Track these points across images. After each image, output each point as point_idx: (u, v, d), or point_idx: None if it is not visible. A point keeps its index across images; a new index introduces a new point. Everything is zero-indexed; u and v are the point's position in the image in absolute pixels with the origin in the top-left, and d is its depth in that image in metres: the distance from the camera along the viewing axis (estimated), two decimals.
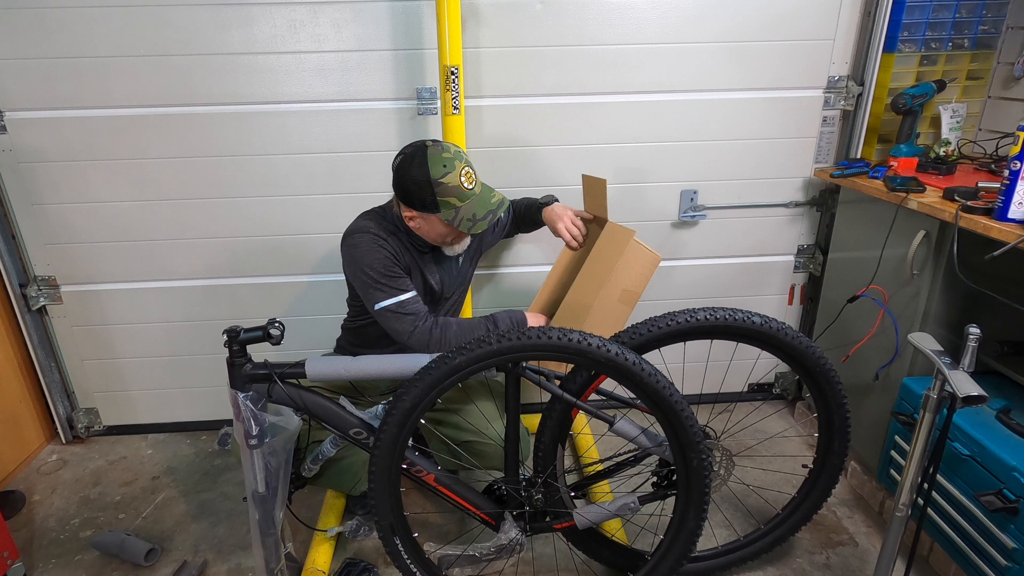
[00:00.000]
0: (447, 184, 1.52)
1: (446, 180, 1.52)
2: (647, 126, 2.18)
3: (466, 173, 1.56)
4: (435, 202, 1.53)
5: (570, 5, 2.02)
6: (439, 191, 1.52)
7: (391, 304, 1.60)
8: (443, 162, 1.53)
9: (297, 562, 1.76)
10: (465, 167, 1.56)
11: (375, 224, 1.66)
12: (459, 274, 1.86)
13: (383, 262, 1.61)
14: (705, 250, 2.37)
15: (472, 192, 1.56)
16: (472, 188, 1.57)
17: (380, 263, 1.61)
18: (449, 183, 1.52)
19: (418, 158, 1.53)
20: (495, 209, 1.58)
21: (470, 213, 1.55)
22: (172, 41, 1.97)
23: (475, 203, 1.56)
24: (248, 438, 1.41)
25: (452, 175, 1.52)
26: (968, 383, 1.19)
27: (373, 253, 1.61)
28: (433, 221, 1.59)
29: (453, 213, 1.55)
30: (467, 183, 1.55)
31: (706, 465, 1.42)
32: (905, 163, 1.98)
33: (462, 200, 1.54)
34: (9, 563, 1.67)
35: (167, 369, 2.39)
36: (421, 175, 1.52)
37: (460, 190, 1.53)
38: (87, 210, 2.15)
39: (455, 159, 1.54)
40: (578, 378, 1.51)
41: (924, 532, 1.72)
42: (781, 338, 1.49)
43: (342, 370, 1.43)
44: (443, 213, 1.55)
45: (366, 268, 1.61)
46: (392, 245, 1.64)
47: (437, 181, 1.52)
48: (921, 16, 2.01)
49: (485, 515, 1.60)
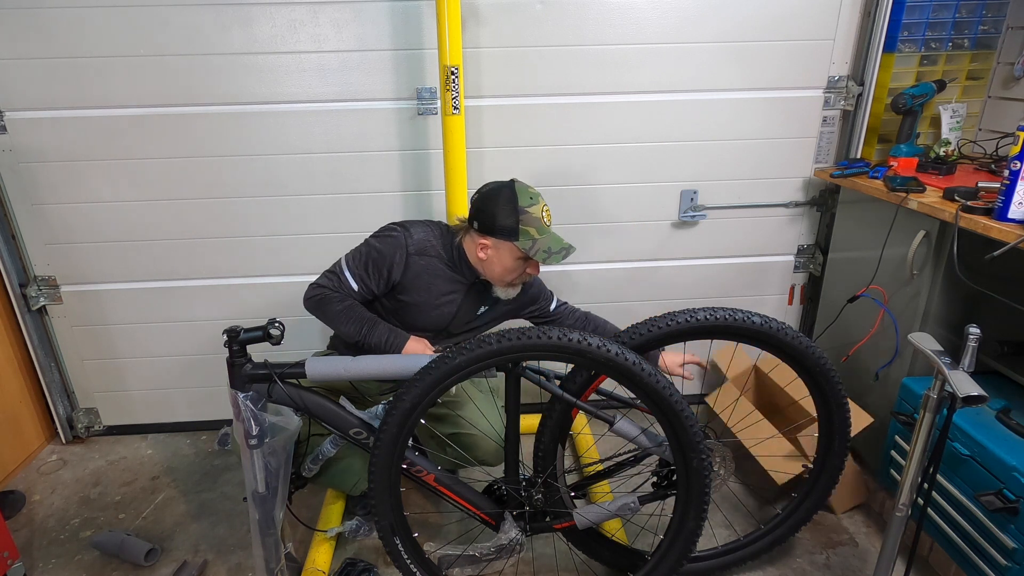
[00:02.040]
0: (531, 214, 1.60)
1: (531, 210, 1.61)
2: (647, 126, 2.18)
3: (547, 211, 1.66)
4: (516, 230, 1.60)
5: (570, 5, 2.02)
6: (523, 219, 1.60)
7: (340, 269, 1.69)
8: (530, 195, 1.63)
9: (297, 562, 1.75)
10: (546, 206, 1.66)
11: (423, 235, 1.71)
12: (474, 322, 1.84)
13: (376, 252, 1.67)
14: (705, 250, 2.37)
15: (549, 228, 1.65)
16: (549, 225, 1.65)
17: (374, 251, 1.67)
18: (533, 214, 1.61)
19: (507, 189, 1.63)
20: (567, 248, 1.65)
21: (546, 245, 1.62)
22: (172, 41, 1.97)
23: (551, 239, 1.63)
24: (248, 438, 1.41)
25: (536, 208, 1.62)
26: (968, 383, 1.19)
27: (384, 243, 1.68)
28: (507, 251, 1.63)
29: (531, 244, 1.60)
30: (547, 219, 1.65)
31: (706, 465, 1.42)
32: (905, 163, 1.98)
33: (540, 233, 1.61)
34: (9, 563, 1.67)
35: (167, 369, 2.39)
36: (509, 203, 1.60)
37: (540, 223, 1.62)
38: (87, 210, 2.15)
39: (539, 196, 1.65)
40: (578, 378, 1.51)
41: (924, 532, 1.72)
42: (781, 338, 1.49)
43: (342, 370, 1.43)
44: (521, 242, 1.60)
45: (370, 242, 1.70)
46: (413, 259, 1.67)
47: (523, 209, 1.60)
48: (921, 16, 2.01)
49: (485, 515, 1.60)
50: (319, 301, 1.68)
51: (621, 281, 2.40)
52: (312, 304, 1.70)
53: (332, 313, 1.67)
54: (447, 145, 1.97)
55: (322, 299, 1.68)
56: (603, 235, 2.32)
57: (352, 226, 2.22)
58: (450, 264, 1.72)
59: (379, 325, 1.66)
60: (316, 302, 1.69)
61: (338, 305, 1.66)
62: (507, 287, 1.74)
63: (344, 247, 2.33)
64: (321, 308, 1.69)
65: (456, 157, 1.98)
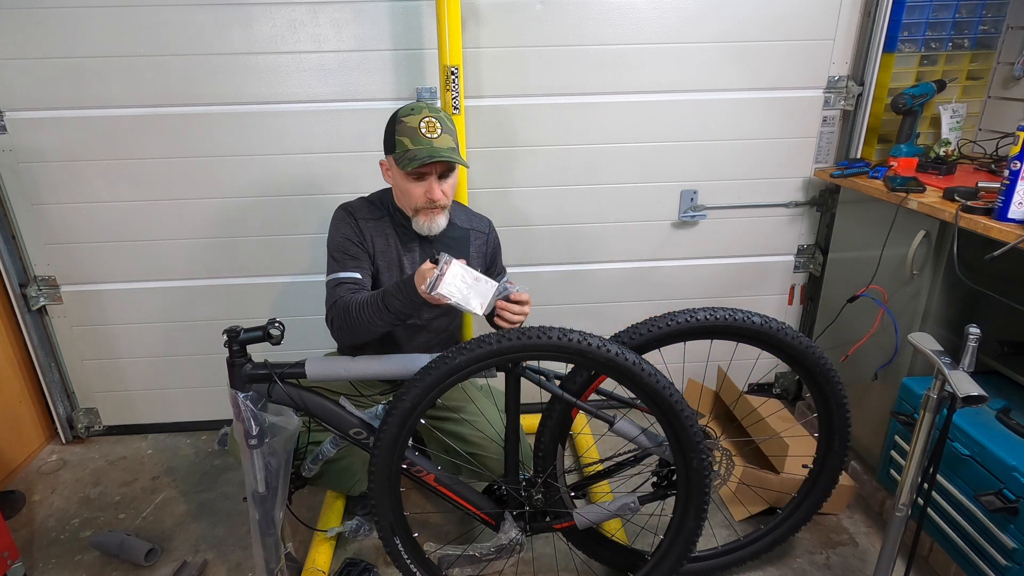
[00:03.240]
0: (406, 123, 1.51)
1: (407, 120, 1.51)
2: (647, 126, 2.18)
3: (428, 122, 1.51)
4: (393, 141, 1.53)
5: (570, 5, 2.02)
6: (398, 129, 1.52)
7: (330, 279, 1.59)
8: (411, 107, 1.54)
9: (297, 562, 1.75)
10: (430, 117, 1.51)
11: (359, 202, 1.68)
12: None
13: (339, 236, 1.62)
14: (705, 250, 2.37)
15: (428, 140, 1.50)
16: (430, 137, 1.51)
17: (338, 236, 1.63)
18: (408, 123, 1.51)
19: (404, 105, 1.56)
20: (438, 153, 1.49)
21: (414, 154, 1.50)
22: (172, 41, 1.97)
23: (426, 149, 1.50)
24: (248, 438, 1.41)
25: (413, 117, 1.51)
26: (968, 383, 1.19)
27: (335, 227, 1.64)
28: (393, 167, 1.57)
29: (402, 152, 1.51)
30: (426, 131, 1.51)
31: (706, 465, 1.42)
32: (905, 163, 1.98)
33: (415, 143, 1.50)
34: (9, 563, 1.67)
35: (167, 369, 2.39)
36: (392, 117, 1.55)
37: (416, 133, 1.50)
38: (87, 210, 2.15)
39: (424, 107, 1.53)
40: (578, 378, 1.51)
41: (924, 532, 1.72)
42: (781, 338, 1.49)
43: (342, 370, 1.43)
44: (396, 153, 1.52)
45: (328, 242, 1.64)
46: (362, 223, 1.63)
47: (399, 119, 1.52)
48: (921, 16, 2.01)
49: (485, 515, 1.60)
50: (341, 316, 1.52)
51: (621, 281, 2.39)
52: (336, 326, 1.54)
53: (346, 316, 1.51)
54: None
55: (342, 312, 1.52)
56: (603, 235, 2.32)
57: None
58: (391, 218, 1.66)
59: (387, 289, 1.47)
60: (339, 320, 1.53)
61: (348, 310, 1.51)
62: (418, 216, 1.60)
63: None
64: (347, 320, 1.51)
65: None
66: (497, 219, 2.22)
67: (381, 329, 1.50)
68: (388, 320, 1.46)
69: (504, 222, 2.25)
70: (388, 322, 1.47)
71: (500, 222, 2.22)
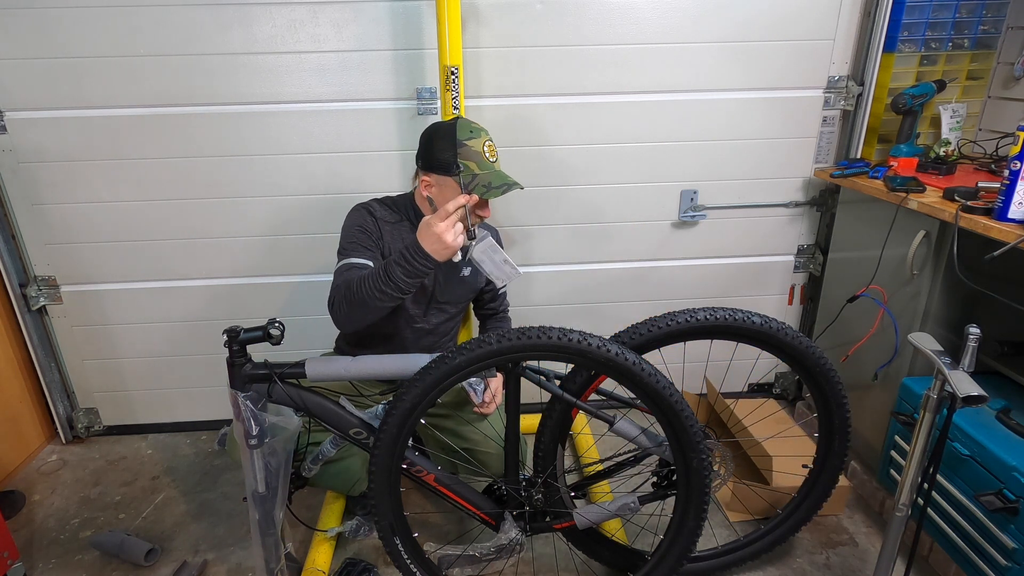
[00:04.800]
0: (470, 147, 1.55)
1: (470, 144, 1.55)
2: (647, 126, 2.18)
3: (490, 146, 1.59)
4: (455, 164, 1.55)
5: (570, 5, 2.02)
6: (462, 152, 1.54)
7: (341, 264, 1.60)
8: (470, 128, 1.58)
9: (297, 562, 1.75)
10: (489, 140, 1.59)
11: (377, 203, 1.72)
12: (459, 284, 1.80)
13: (355, 227, 1.65)
14: (705, 250, 2.37)
15: (493, 164, 1.59)
16: (494, 161, 1.59)
17: (353, 226, 1.65)
18: (472, 147, 1.55)
19: (448, 124, 1.59)
20: (510, 184, 1.57)
21: (487, 181, 1.55)
22: (172, 41, 1.97)
23: (493, 175, 1.57)
24: (248, 438, 1.41)
25: (476, 141, 1.56)
26: (968, 383, 1.19)
27: (351, 219, 1.67)
28: (448, 187, 1.58)
29: (470, 178, 1.55)
30: (489, 155, 1.58)
31: (706, 465, 1.42)
32: (905, 163, 1.98)
33: (481, 168, 1.55)
34: (9, 563, 1.67)
35: (167, 369, 2.39)
36: (448, 136, 1.56)
37: (481, 157, 1.56)
38: (87, 210, 2.15)
39: (482, 131, 1.59)
40: (578, 378, 1.51)
41: (924, 532, 1.73)
42: (781, 338, 1.49)
43: (342, 370, 1.43)
44: (462, 176, 1.55)
45: (343, 232, 1.67)
46: (380, 222, 1.67)
47: (462, 142, 1.55)
48: (921, 16, 2.01)
49: (485, 515, 1.60)
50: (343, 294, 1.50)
51: (621, 281, 2.39)
52: (336, 305, 1.53)
53: (346, 291, 1.49)
54: None
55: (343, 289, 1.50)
56: (603, 235, 2.32)
57: None
58: (411, 223, 1.69)
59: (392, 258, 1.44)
60: (339, 298, 1.52)
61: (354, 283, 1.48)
62: None
63: None
64: (347, 297, 1.49)
65: None
66: (497, 219, 2.23)
67: (381, 305, 1.46)
68: (389, 294, 1.43)
69: (504, 222, 2.25)
70: (389, 295, 1.43)
71: (500, 222, 2.23)
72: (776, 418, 2.11)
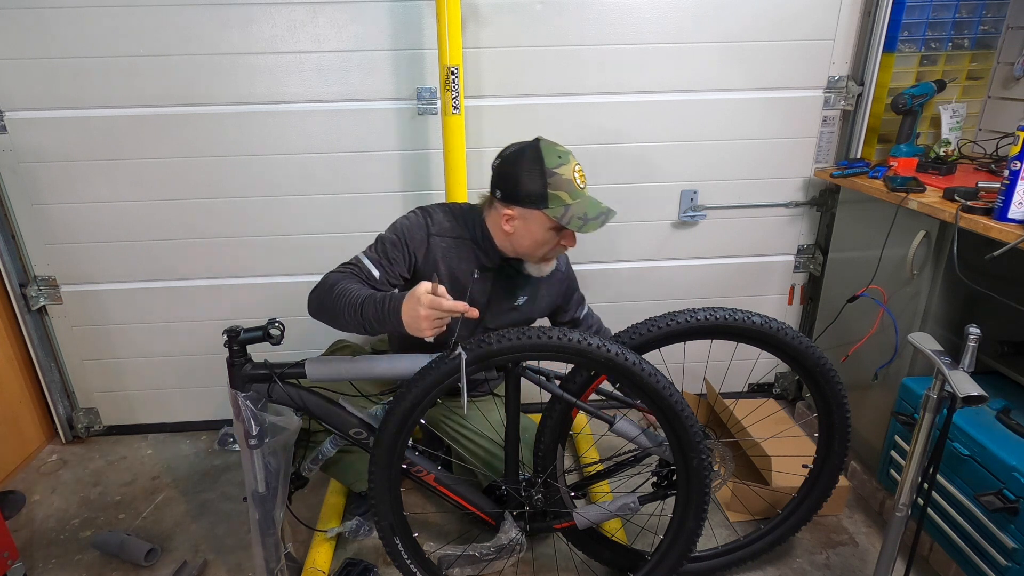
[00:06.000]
0: (561, 176, 1.41)
1: (560, 171, 1.41)
2: (647, 126, 2.18)
3: (579, 171, 1.45)
4: (544, 195, 1.41)
5: (570, 5, 2.02)
6: (551, 182, 1.40)
7: (357, 255, 1.52)
8: (558, 153, 1.43)
9: (297, 562, 1.75)
10: (578, 164, 1.45)
11: (443, 214, 1.56)
12: (510, 312, 1.68)
13: (396, 235, 1.53)
14: (705, 250, 2.37)
15: (583, 191, 1.45)
16: (583, 188, 1.45)
17: (395, 234, 1.53)
18: (563, 175, 1.41)
19: (531, 149, 1.43)
20: (606, 212, 1.45)
21: (581, 211, 1.42)
22: (172, 41, 1.97)
23: (586, 203, 1.43)
24: (248, 438, 1.41)
25: (566, 168, 1.42)
26: (968, 383, 1.19)
27: (402, 225, 1.53)
28: (535, 221, 1.45)
29: (562, 211, 1.41)
30: (580, 181, 1.44)
31: (706, 465, 1.42)
32: (905, 163, 1.98)
33: (573, 197, 1.42)
34: (9, 563, 1.67)
35: (167, 369, 2.39)
36: (534, 165, 1.41)
37: (572, 185, 1.42)
38: (87, 210, 2.15)
39: (568, 154, 1.44)
40: (578, 378, 1.51)
41: (924, 532, 1.73)
42: (781, 338, 1.49)
43: (342, 370, 1.43)
44: (551, 209, 1.41)
45: (391, 226, 1.55)
46: (434, 239, 1.52)
47: (551, 171, 1.40)
48: (921, 16, 2.01)
49: (485, 515, 1.60)
50: (322, 287, 1.42)
51: (621, 281, 2.39)
52: (314, 294, 1.45)
53: (331, 298, 1.39)
54: (447, 145, 1.97)
55: (326, 284, 1.41)
56: (603, 235, 2.30)
57: (352, 226, 2.22)
58: (475, 243, 1.55)
59: (372, 298, 1.34)
60: (318, 290, 1.43)
61: (338, 287, 1.39)
62: (539, 262, 1.56)
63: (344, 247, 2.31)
64: (322, 294, 1.41)
65: (456, 157, 1.98)
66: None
67: (346, 326, 1.38)
68: (356, 321, 1.35)
69: None
70: (357, 324, 1.35)
71: None
72: (776, 418, 2.11)
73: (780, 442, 1.95)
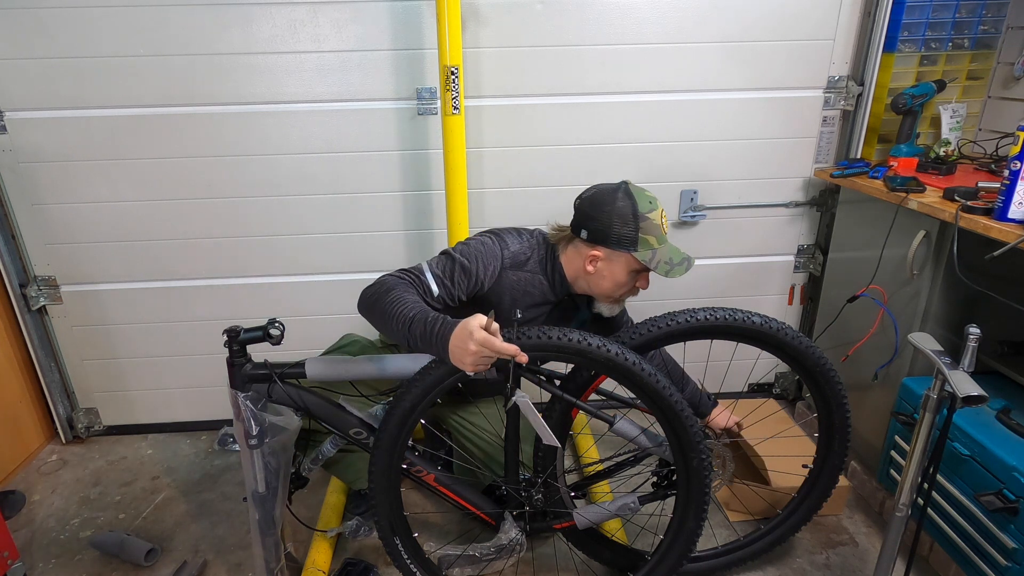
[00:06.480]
0: (652, 221, 1.45)
1: (651, 216, 1.45)
2: (647, 126, 2.18)
3: (664, 216, 1.50)
4: (635, 238, 1.45)
5: (570, 5, 2.02)
6: (643, 227, 1.45)
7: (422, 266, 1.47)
8: (648, 199, 1.47)
9: (297, 562, 1.76)
10: (661, 207, 1.49)
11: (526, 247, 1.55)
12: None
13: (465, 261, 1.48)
14: (705, 250, 2.37)
15: (666, 237, 1.51)
16: (666, 234, 1.51)
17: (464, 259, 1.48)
18: (653, 220, 1.46)
19: (622, 191, 1.47)
20: (688, 260, 1.49)
21: (667, 256, 1.47)
22: (172, 41, 1.97)
23: (669, 249, 1.49)
24: (248, 438, 1.41)
25: (656, 213, 1.47)
26: (968, 383, 1.19)
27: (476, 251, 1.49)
28: (621, 262, 1.48)
29: (650, 254, 1.46)
30: (665, 227, 1.50)
31: (706, 465, 1.42)
32: (905, 163, 1.98)
33: (660, 243, 1.47)
34: (9, 563, 1.67)
35: (167, 369, 2.39)
36: (627, 208, 1.45)
37: (660, 231, 1.47)
38: (87, 210, 2.15)
39: (657, 200, 1.48)
40: (578, 378, 1.51)
41: (924, 532, 1.72)
42: (781, 338, 1.49)
43: (342, 370, 1.43)
44: (640, 252, 1.46)
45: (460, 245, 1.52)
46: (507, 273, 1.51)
47: (643, 215, 1.45)
48: (921, 16, 2.01)
49: (485, 515, 1.60)
50: (377, 291, 1.39)
51: None
52: (366, 294, 1.42)
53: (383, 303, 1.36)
54: (447, 145, 1.97)
55: (382, 289, 1.39)
56: None
57: (352, 226, 2.22)
58: (545, 276, 1.57)
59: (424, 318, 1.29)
60: (372, 293, 1.40)
61: (393, 294, 1.37)
62: (613, 303, 1.60)
63: (344, 247, 2.32)
64: (376, 299, 1.38)
65: (456, 157, 1.98)
66: (497, 219, 2.23)
67: (391, 334, 1.36)
68: (402, 335, 1.31)
69: (504, 222, 2.25)
70: (401, 336, 1.32)
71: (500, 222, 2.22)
72: (776, 418, 2.11)
73: (780, 442, 1.95)
